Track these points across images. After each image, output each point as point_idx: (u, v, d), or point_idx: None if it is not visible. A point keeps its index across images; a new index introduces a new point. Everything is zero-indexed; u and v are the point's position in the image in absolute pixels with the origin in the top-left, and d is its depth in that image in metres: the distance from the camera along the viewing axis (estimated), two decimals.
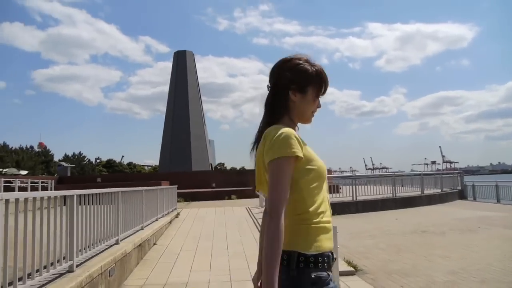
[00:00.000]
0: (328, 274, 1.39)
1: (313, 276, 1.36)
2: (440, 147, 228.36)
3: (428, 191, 17.70)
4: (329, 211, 1.49)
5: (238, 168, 58.64)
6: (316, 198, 1.45)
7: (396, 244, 7.72)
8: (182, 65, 34.16)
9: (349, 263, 5.69)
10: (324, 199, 1.48)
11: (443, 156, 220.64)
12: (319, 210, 1.44)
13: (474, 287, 4.69)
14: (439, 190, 18.55)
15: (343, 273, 5.22)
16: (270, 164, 1.40)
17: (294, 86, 1.53)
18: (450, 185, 19.97)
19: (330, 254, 1.42)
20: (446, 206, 16.30)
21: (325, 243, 1.41)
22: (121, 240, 5.82)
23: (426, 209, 15.10)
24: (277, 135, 1.41)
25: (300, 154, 1.41)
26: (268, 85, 1.60)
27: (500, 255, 6.48)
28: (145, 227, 7.67)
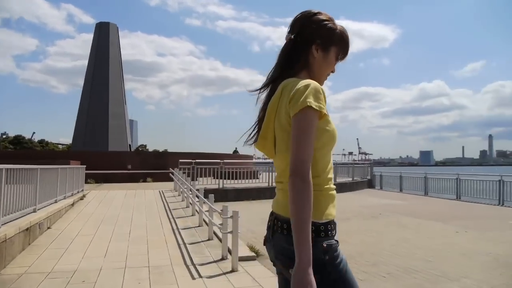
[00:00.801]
0: (337, 241, 1.31)
1: (324, 245, 1.27)
2: (357, 139, 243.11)
3: (340, 180, 18.58)
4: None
5: (161, 150, 57.03)
6: (327, 162, 1.36)
7: None
8: (104, 38, 31.93)
9: (251, 248, 5.66)
10: (331, 164, 1.40)
11: (359, 148, 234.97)
12: (329, 176, 1.36)
13: (366, 271, 4.88)
14: (350, 179, 19.60)
15: (244, 258, 5.17)
16: (297, 116, 1.25)
17: (319, 41, 1.43)
18: (360, 174, 21.18)
19: (335, 221, 1.35)
20: (355, 194, 17.22)
21: (333, 210, 1.34)
22: (2, 224, 5.20)
23: (337, 196, 15.80)
24: (305, 85, 1.28)
25: (326, 112, 1.30)
26: (288, 36, 1.46)
27: (393, 239, 6.91)
28: (38, 209, 6.99)
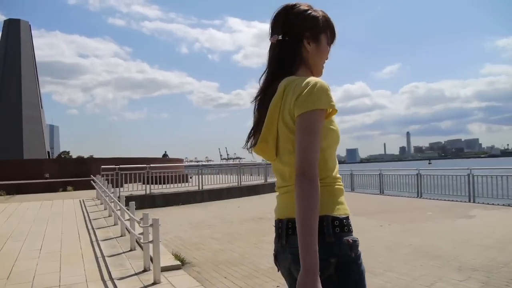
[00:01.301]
0: (356, 238, 1.27)
1: (350, 240, 1.23)
2: None
3: (271, 180, 18.70)
4: None
5: (86, 156, 53.77)
6: (334, 161, 1.34)
7: (232, 232, 7.70)
8: (14, 36, 29.27)
9: (177, 257, 5.32)
10: (337, 164, 1.36)
11: None
12: (338, 175, 1.33)
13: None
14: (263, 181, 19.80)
15: (168, 268, 4.85)
16: (303, 116, 1.19)
17: (308, 34, 1.37)
18: None
19: None
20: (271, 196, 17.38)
21: (347, 206, 1.30)
22: None
23: (268, 196, 15.84)
24: (310, 83, 1.22)
25: (336, 108, 1.25)
26: (274, 37, 1.38)
27: None
28: None
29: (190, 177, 16.52)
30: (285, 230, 1.28)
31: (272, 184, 17.71)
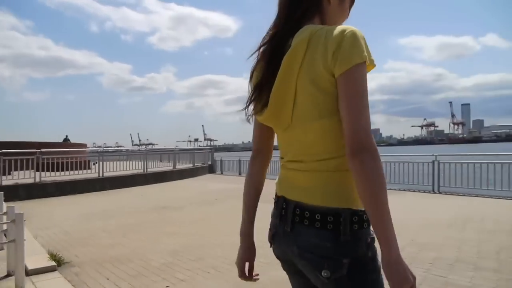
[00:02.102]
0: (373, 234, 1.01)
1: (369, 239, 1.03)
2: (202, 125, 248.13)
3: (180, 166, 18.03)
4: None
5: None
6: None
7: (128, 224, 7.00)
8: None
9: (52, 256, 4.55)
10: None
11: (205, 134, 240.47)
12: None
13: (189, 268, 4.32)
14: (191, 165, 19.24)
15: (39, 271, 4.10)
16: (350, 73, 0.94)
17: None
18: (201, 160, 21.02)
19: None
20: (195, 180, 16.89)
21: None
22: None
23: (176, 184, 15.21)
24: (349, 31, 0.96)
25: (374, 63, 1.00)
26: None
27: (224, 228, 6.58)
28: None
29: (94, 164, 15.20)
30: (291, 215, 1.09)
31: (181, 170, 17.15)
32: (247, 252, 1.35)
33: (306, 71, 1.01)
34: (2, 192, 5.29)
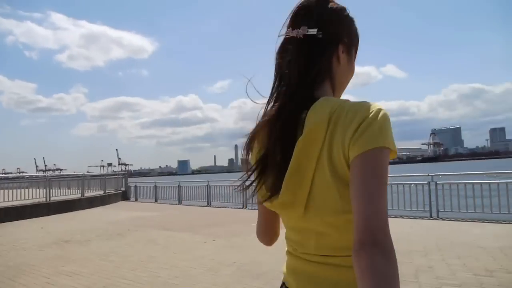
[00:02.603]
0: None
1: None
2: (116, 149, 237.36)
3: (90, 193, 16.64)
4: None
5: None
6: None
7: (21, 263, 6.01)
8: None
9: None
10: None
11: (119, 159, 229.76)
12: None
13: None
14: (102, 192, 17.88)
15: None
16: (369, 156, 0.79)
17: (346, 40, 1.00)
18: (114, 186, 19.67)
19: None
20: (107, 209, 15.64)
21: None
22: None
23: (85, 213, 13.90)
24: (375, 110, 0.83)
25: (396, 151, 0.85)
26: (303, 30, 0.95)
27: (137, 261, 5.94)
28: None
29: None
30: None
31: (90, 198, 15.78)
32: None
33: (325, 157, 0.87)
34: None
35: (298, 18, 0.99)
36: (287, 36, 0.99)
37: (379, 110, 0.84)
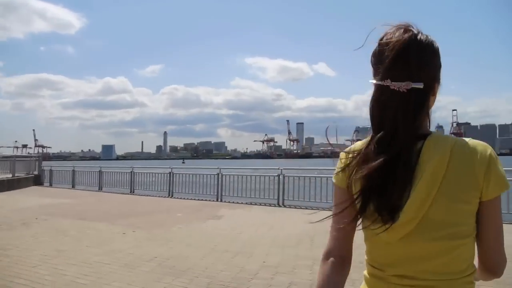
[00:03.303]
0: None
1: None
2: (34, 130, 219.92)
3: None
4: None
5: None
6: None
7: None
8: None
9: None
10: None
11: (36, 140, 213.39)
12: None
13: None
14: (11, 175, 16.09)
15: None
16: (498, 199, 0.98)
17: (438, 77, 1.06)
18: (25, 169, 17.81)
19: None
20: (15, 194, 14.07)
21: None
22: None
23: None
24: (493, 154, 0.98)
25: None
26: (408, 84, 0.97)
27: (40, 257, 5.14)
28: None
29: None
30: None
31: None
32: None
33: (447, 187, 0.95)
34: None
35: (397, 66, 0.99)
36: (386, 84, 0.99)
37: (493, 151, 0.98)
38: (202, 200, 12.33)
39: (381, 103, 1.01)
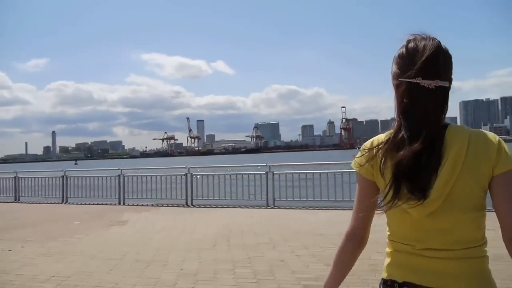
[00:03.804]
0: None
1: None
2: None
3: None
4: None
5: None
6: None
7: None
8: None
9: None
10: None
11: None
12: None
13: None
14: None
15: None
16: (509, 173, 1.15)
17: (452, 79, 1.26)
18: None
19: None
20: None
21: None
22: None
23: None
24: (500, 139, 1.20)
25: None
26: (436, 82, 1.17)
27: None
28: None
29: None
30: None
31: None
32: None
33: (467, 168, 1.13)
34: None
35: (433, 65, 1.18)
36: (417, 82, 1.17)
37: (498, 138, 1.19)
38: (102, 204, 11.32)
39: (411, 98, 1.18)
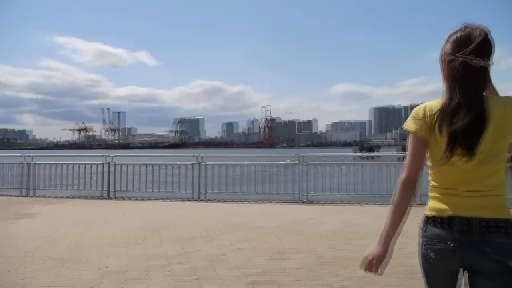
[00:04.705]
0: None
1: None
2: None
3: None
4: None
5: None
6: None
7: None
8: None
9: None
10: None
11: None
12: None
13: None
14: None
15: None
16: None
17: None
18: None
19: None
20: None
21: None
22: None
23: None
24: None
25: None
26: (486, 61, 1.50)
27: None
28: None
29: None
30: (478, 227, 1.46)
31: None
32: (386, 254, 1.55)
33: (503, 127, 1.48)
34: None
35: (483, 48, 1.50)
36: (471, 60, 1.49)
37: None
38: (4, 196, 9.93)
39: (463, 73, 1.48)
